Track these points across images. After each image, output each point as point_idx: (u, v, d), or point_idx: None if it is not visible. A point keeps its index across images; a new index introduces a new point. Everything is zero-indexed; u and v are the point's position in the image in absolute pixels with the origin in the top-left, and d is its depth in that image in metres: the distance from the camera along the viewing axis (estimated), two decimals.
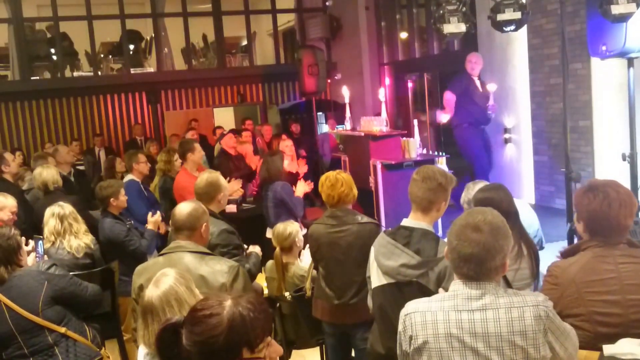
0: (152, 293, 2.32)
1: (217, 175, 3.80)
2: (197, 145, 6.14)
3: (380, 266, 2.80)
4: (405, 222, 2.83)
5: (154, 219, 4.99)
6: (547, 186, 7.20)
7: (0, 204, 4.74)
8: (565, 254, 2.60)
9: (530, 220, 3.55)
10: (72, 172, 7.44)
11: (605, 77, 6.26)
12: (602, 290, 2.37)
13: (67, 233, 4.34)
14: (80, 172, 8.24)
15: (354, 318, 3.50)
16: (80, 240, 4.36)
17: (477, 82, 7.35)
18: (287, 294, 3.95)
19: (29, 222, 5.37)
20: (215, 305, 1.61)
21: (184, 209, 3.10)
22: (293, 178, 5.94)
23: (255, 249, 3.97)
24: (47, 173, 5.52)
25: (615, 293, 2.36)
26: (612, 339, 2.29)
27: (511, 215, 2.93)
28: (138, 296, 3.00)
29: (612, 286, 2.37)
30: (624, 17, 4.40)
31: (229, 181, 5.89)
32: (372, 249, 2.90)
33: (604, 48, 4.85)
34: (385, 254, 2.78)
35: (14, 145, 10.60)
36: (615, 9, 4.34)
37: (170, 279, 2.34)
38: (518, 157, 7.73)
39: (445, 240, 2.15)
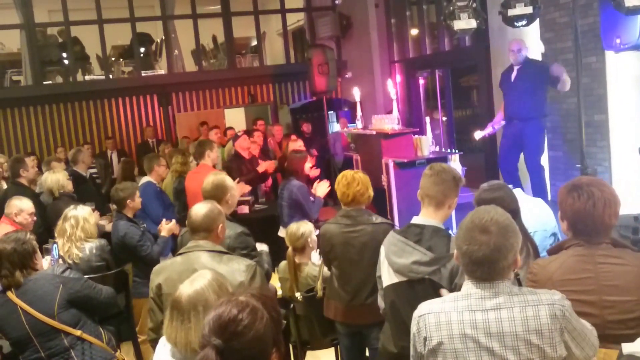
0: (184, 291, 2.28)
1: (222, 177, 3.81)
2: (215, 145, 6.30)
3: (392, 264, 2.78)
4: (415, 219, 2.82)
5: (168, 227, 4.96)
6: (562, 182, 7.04)
7: (16, 208, 4.78)
8: (550, 252, 2.58)
9: (546, 218, 3.51)
10: (87, 175, 7.49)
11: (620, 70, 6.17)
12: (578, 289, 2.34)
13: (63, 235, 4.33)
14: (90, 175, 8.28)
15: (369, 318, 3.47)
16: (72, 246, 4.29)
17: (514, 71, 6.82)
18: (298, 294, 3.94)
19: (45, 226, 5.42)
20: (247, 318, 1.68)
21: (200, 210, 3.10)
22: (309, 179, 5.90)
23: (263, 247, 3.95)
24: (52, 179, 5.59)
25: (591, 293, 2.33)
26: None
27: (518, 213, 2.91)
28: (157, 295, 3.03)
29: (589, 286, 2.34)
30: (637, 10, 4.34)
31: (237, 182, 5.92)
32: (382, 247, 2.89)
33: (618, 41, 4.80)
34: (397, 252, 2.76)
35: (27, 149, 10.69)
36: (629, 2, 4.29)
37: (204, 281, 2.29)
38: None
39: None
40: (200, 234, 3.08)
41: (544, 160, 7.37)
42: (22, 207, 4.79)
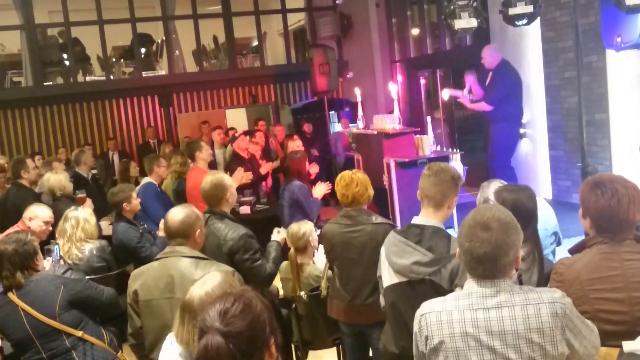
0: (195, 293, 2.26)
1: (221, 176, 3.82)
2: (204, 144, 6.25)
3: (392, 265, 2.77)
4: (416, 220, 2.81)
5: None
6: (564, 181, 7.12)
7: (32, 213, 4.62)
8: (572, 251, 2.56)
9: (547, 217, 3.50)
10: (89, 176, 7.50)
11: (621, 69, 6.17)
12: (607, 288, 2.32)
13: (63, 236, 4.32)
14: (93, 176, 8.28)
15: (369, 318, 3.48)
16: (72, 246, 4.27)
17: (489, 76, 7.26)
18: (302, 293, 3.94)
19: None
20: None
21: (176, 215, 3.05)
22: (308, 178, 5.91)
23: (280, 235, 3.95)
24: (55, 179, 5.58)
25: (620, 291, 2.31)
26: (618, 337, 2.23)
27: (536, 218, 2.89)
28: (133, 301, 3.02)
29: (617, 284, 2.32)
30: (638, 9, 4.34)
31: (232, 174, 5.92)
32: (383, 248, 2.88)
33: (618, 40, 4.80)
34: (397, 252, 2.75)
35: (28, 151, 10.69)
36: (630, 0, 4.28)
37: (215, 282, 2.27)
38: (534, 152, 7.64)
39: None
40: (177, 239, 3.04)
41: (545, 160, 7.38)
42: (37, 213, 4.62)
